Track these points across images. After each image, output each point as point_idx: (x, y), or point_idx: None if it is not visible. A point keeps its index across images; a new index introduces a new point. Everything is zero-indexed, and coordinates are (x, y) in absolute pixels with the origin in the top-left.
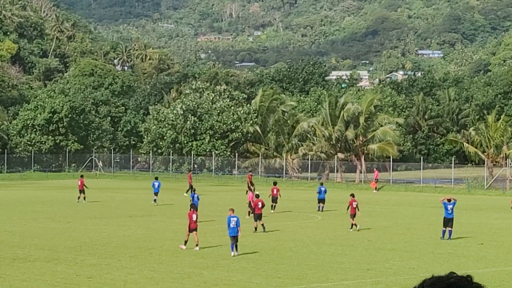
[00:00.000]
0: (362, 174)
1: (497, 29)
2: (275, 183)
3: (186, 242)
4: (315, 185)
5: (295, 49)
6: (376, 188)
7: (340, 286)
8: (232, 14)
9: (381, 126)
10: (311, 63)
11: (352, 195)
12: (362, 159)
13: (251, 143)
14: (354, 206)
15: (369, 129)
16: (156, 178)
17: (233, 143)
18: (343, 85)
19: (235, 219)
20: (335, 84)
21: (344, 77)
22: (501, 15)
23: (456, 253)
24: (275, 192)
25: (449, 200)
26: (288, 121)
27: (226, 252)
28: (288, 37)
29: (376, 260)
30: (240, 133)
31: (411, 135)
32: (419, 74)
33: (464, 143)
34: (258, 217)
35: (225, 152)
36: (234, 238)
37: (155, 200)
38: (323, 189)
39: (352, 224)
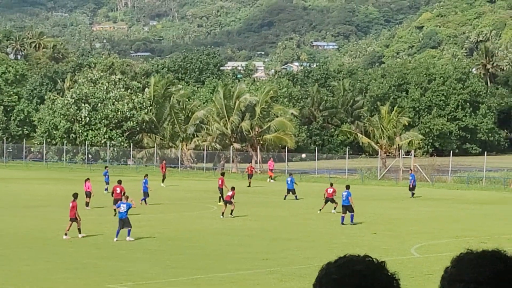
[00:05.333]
0: (257, 164)
1: (390, 22)
2: (222, 174)
3: (67, 231)
4: (210, 175)
5: (191, 39)
6: (271, 177)
7: (236, 276)
8: (127, 3)
9: (277, 117)
10: (206, 53)
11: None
12: (258, 150)
13: (146, 134)
14: (228, 194)
15: (265, 119)
16: (106, 167)
17: (128, 133)
18: (238, 76)
19: (124, 204)
20: (230, 74)
21: (239, 68)
22: (395, 8)
23: (350, 243)
24: (220, 183)
25: (347, 188)
26: (184, 111)
27: (122, 243)
28: (184, 28)
29: (272, 250)
30: (135, 122)
31: (306, 126)
32: (314, 65)
33: (358, 134)
34: (115, 202)
35: (121, 143)
36: (122, 221)
37: (106, 189)
38: (289, 179)
39: (223, 212)
